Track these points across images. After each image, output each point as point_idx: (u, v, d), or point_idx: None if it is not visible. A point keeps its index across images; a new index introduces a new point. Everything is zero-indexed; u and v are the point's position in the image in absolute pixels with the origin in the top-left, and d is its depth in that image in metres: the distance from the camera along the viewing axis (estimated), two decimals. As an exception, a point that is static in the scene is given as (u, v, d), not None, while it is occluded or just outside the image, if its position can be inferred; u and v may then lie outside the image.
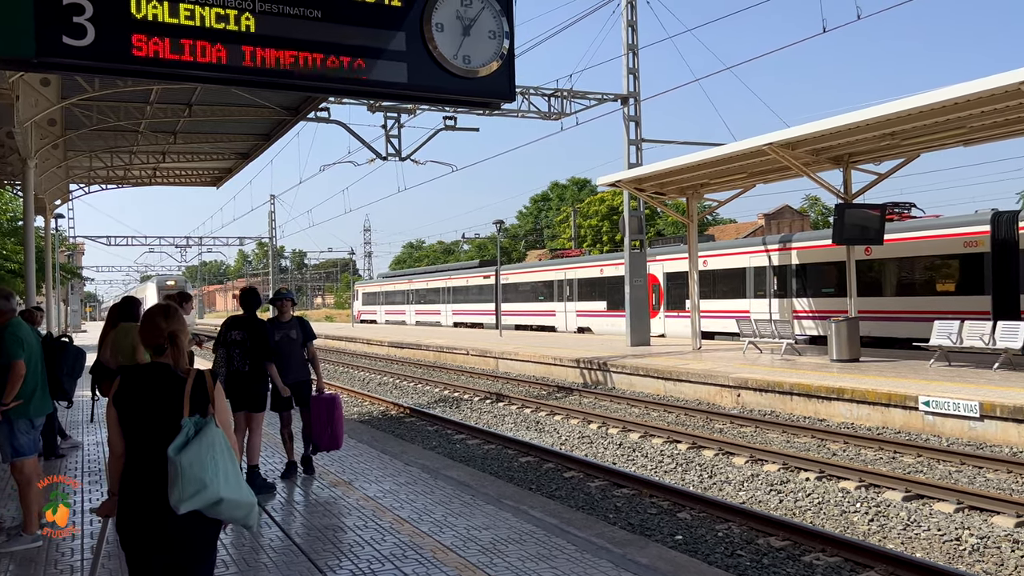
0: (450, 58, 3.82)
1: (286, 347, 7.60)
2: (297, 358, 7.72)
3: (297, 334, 7.71)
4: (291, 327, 7.72)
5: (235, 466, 3.07)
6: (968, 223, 19.03)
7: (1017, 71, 12.00)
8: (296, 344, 7.69)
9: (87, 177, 22.10)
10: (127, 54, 3.27)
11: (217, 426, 3.06)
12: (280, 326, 7.67)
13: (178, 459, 2.94)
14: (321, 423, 7.69)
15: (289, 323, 7.74)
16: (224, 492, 2.97)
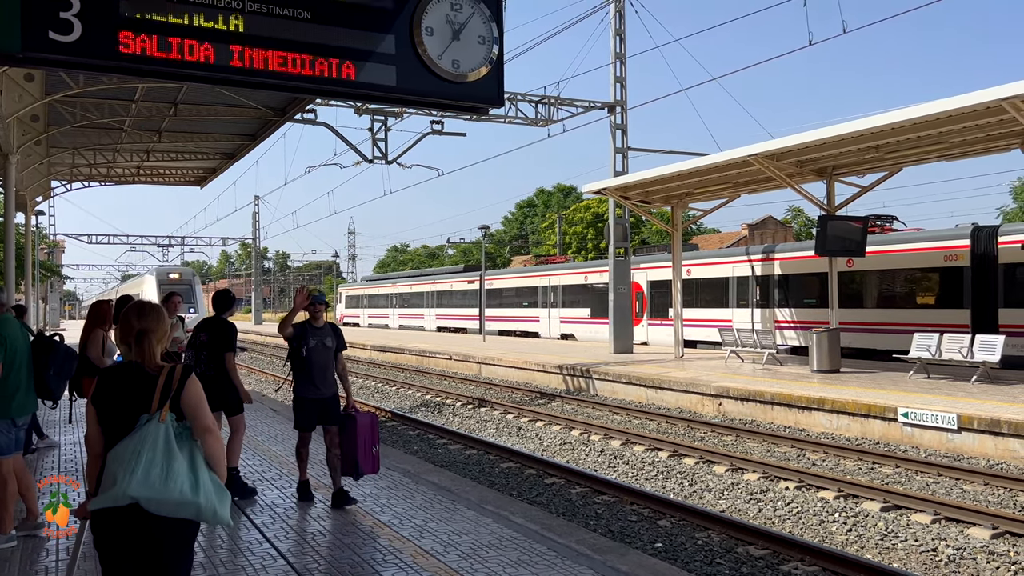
0: (439, 62, 3.83)
1: (320, 356, 6.75)
2: (331, 369, 6.87)
3: (332, 342, 6.82)
4: (325, 333, 6.83)
5: (170, 464, 2.95)
6: (948, 237, 19.24)
7: (998, 88, 12.16)
8: (330, 353, 6.82)
9: (69, 174, 21.89)
10: (114, 51, 3.25)
11: (162, 421, 2.99)
12: (314, 332, 6.80)
13: (108, 456, 2.95)
14: (366, 443, 6.75)
15: (323, 329, 6.85)
16: (135, 491, 2.87)
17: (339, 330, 7.01)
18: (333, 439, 6.77)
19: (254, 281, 69.16)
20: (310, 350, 6.68)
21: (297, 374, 6.75)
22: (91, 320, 7.39)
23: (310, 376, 6.71)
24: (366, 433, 6.72)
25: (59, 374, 5.86)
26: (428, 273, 52.39)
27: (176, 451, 2.99)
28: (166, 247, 61.69)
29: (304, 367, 6.70)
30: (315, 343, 6.72)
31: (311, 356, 6.69)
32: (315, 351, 6.71)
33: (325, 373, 6.77)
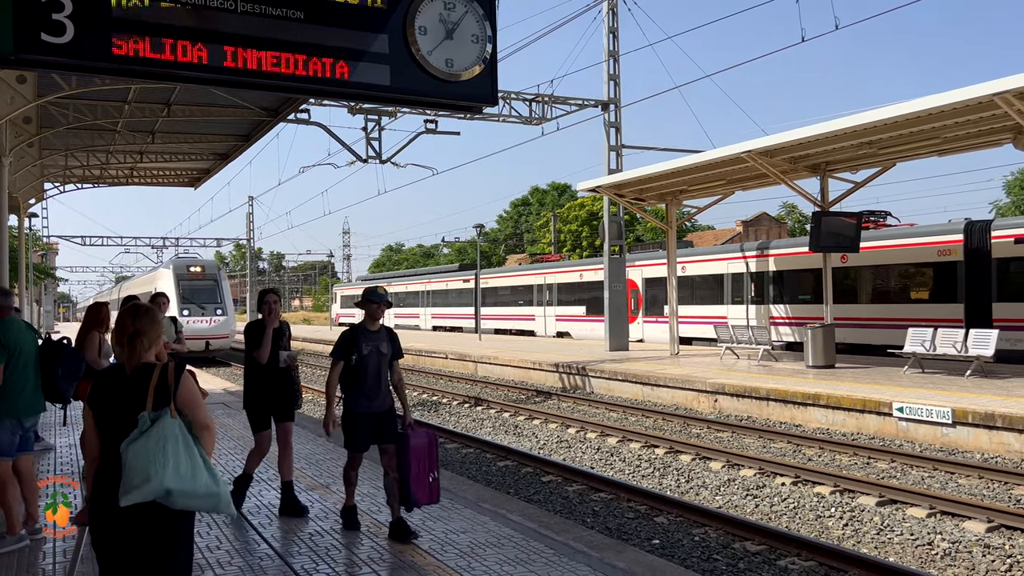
0: (433, 61, 3.83)
1: (374, 363, 5.86)
2: (386, 379, 5.99)
3: (387, 348, 5.95)
4: (380, 338, 5.94)
5: (192, 458, 3.06)
6: (942, 232, 19.31)
7: (990, 83, 12.20)
8: (385, 361, 5.93)
9: (62, 176, 21.82)
10: (106, 52, 3.25)
11: (174, 417, 3.07)
12: (368, 336, 5.91)
13: (124, 452, 3.01)
14: (422, 468, 5.79)
15: (378, 333, 5.95)
16: (171, 484, 2.97)
17: (395, 335, 6.12)
18: (390, 461, 5.82)
19: (249, 282, 69.00)
20: (363, 358, 5.81)
21: (347, 385, 5.88)
22: (88, 322, 7.37)
23: (362, 387, 5.83)
24: (422, 455, 5.76)
25: (67, 375, 5.85)
26: (423, 272, 52.37)
27: (193, 446, 3.10)
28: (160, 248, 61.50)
29: (356, 377, 5.82)
30: (369, 349, 5.84)
31: (364, 364, 5.81)
32: (369, 359, 5.83)
33: (379, 384, 5.91)
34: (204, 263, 32.42)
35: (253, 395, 6.52)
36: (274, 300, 6.47)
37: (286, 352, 6.57)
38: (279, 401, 6.55)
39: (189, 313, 28.57)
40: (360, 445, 5.91)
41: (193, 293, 29.81)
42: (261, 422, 6.55)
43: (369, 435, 5.88)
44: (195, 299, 29.68)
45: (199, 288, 30.09)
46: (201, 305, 29.64)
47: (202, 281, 30.51)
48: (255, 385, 6.51)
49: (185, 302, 29.13)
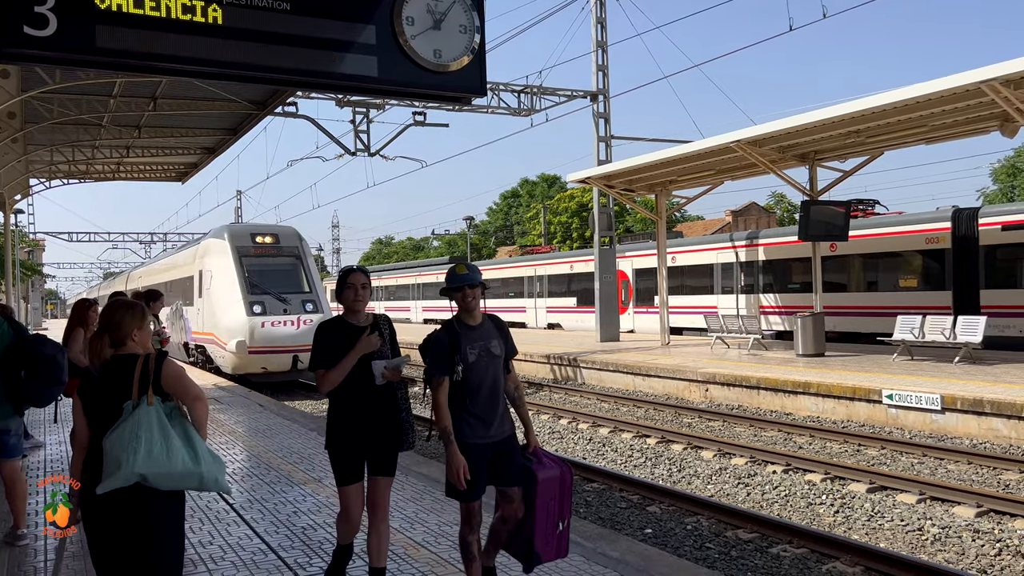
0: (421, 52, 3.81)
1: (486, 372, 4.19)
2: (502, 392, 4.31)
3: (499, 347, 4.29)
4: (488, 334, 4.28)
5: (168, 440, 3.15)
6: (930, 220, 19.40)
7: (978, 70, 12.24)
8: (499, 365, 4.27)
9: (48, 172, 21.63)
10: (91, 45, 3.21)
11: (151, 404, 3.18)
12: (470, 335, 4.21)
13: (104, 442, 3.15)
14: (550, 514, 4.24)
15: (483, 328, 4.28)
16: (143, 468, 3.08)
17: (503, 324, 4.47)
18: (515, 510, 4.25)
19: (238, 276, 68.37)
20: (469, 367, 4.14)
21: (451, 406, 4.15)
22: (73, 319, 7.32)
23: (472, 408, 4.14)
24: (551, 497, 4.22)
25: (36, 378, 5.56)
26: (414, 265, 52.26)
27: (170, 429, 3.19)
28: (148, 244, 61.18)
29: (462, 396, 4.13)
30: (476, 355, 4.16)
31: (473, 377, 4.14)
32: (478, 368, 4.16)
33: (495, 401, 4.22)
34: (278, 230, 20.49)
35: (338, 430, 4.28)
36: (362, 284, 4.29)
37: (386, 362, 4.27)
38: (378, 440, 4.27)
39: (262, 311, 18.18)
40: (476, 491, 4.13)
41: (265, 278, 18.96)
42: (348, 471, 4.28)
43: (485, 475, 4.18)
44: (270, 287, 18.76)
45: (274, 269, 19.40)
46: (281, 297, 18.55)
47: (277, 258, 19.68)
48: (341, 416, 4.28)
49: (254, 292, 18.51)
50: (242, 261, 19.17)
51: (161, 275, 27.26)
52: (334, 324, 4.34)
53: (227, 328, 18.55)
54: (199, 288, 20.90)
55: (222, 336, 18.81)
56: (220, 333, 18.97)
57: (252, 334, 18.00)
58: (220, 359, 19.37)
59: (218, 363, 19.70)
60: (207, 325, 20.14)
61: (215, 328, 19.38)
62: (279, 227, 21.30)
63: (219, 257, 19.64)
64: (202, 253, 21.16)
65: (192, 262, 22.16)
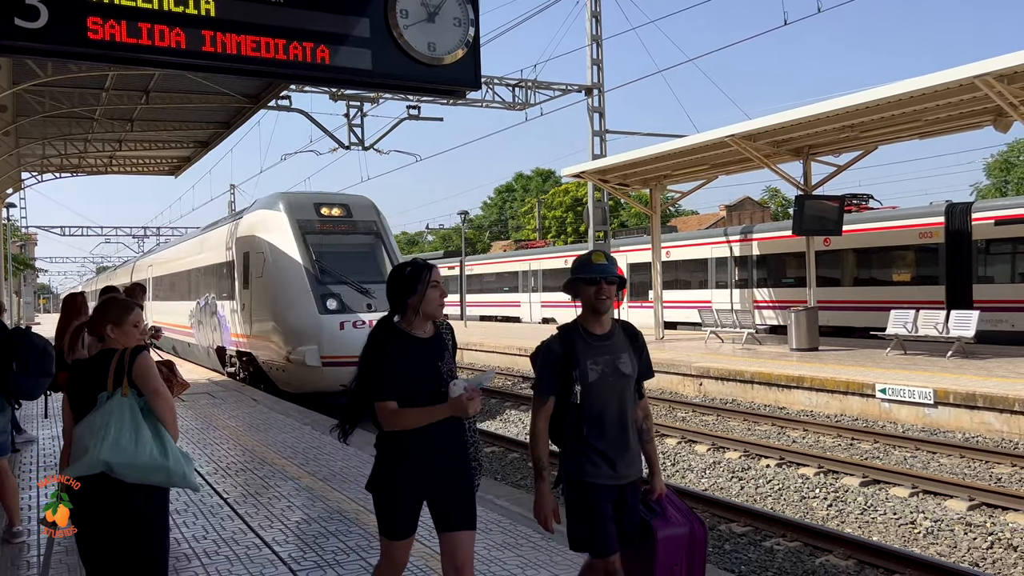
0: (415, 45, 3.79)
1: (611, 394, 3.29)
2: (631, 421, 3.37)
3: (630, 364, 3.37)
4: (616, 347, 3.36)
5: (138, 431, 3.18)
6: (923, 215, 19.46)
7: (971, 65, 12.27)
8: (630, 387, 3.38)
9: (40, 165, 21.52)
10: (82, 37, 3.19)
11: (125, 395, 3.23)
12: (592, 346, 3.31)
13: (74, 430, 3.23)
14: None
15: (611, 338, 3.37)
16: (108, 456, 3.10)
17: (641, 338, 3.51)
18: (644, 570, 3.34)
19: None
20: (590, 387, 3.24)
21: (565, 437, 3.31)
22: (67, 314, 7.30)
23: (592, 438, 3.24)
24: (676, 560, 3.33)
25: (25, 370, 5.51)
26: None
27: (142, 421, 3.22)
28: (141, 238, 60.96)
29: (581, 423, 3.23)
30: (599, 371, 3.26)
31: (592, 399, 3.24)
32: (600, 388, 3.25)
33: (622, 433, 3.30)
34: (349, 200, 15.66)
35: (396, 470, 3.25)
36: (436, 282, 3.28)
37: (467, 380, 3.21)
38: (452, 483, 3.28)
39: (338, 307, 13.55)
40: (608, 544, 3.22)
41: (338, 262, 14.34)
42: (405, 521, 3.27)
43: (612, 522, 3.25)
44: (344, 273, 14.12)
45: (349, 251, 14.81)
46: (362, 288, 13.88)
47: (351, 235, 15.07)
48: (400, 450, 3.23)
49: (326, 282, 13.91)
50: (306, 240, 14.16)
51: (181, 263, 22.27)
52: (389, 334, 3.23)
53: (290, 331, 13.58)
54: (242, 277, 15.65)
55: (282, 342, 13.79)
56: (279, 338, 13.90)
57: (328, 339, 13.02)
58: (278, 373, 14.49)
59: (273, 377, 14.88)
60: (256, 327, 14.85)
61: (270, 331, 14.25)
62: (350, 196, 15.99)
63: (274, 235, 14.55)
64: (246, 231, 15.83)
65: (229, 244, 16.90)
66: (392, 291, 3.30)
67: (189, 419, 10.75)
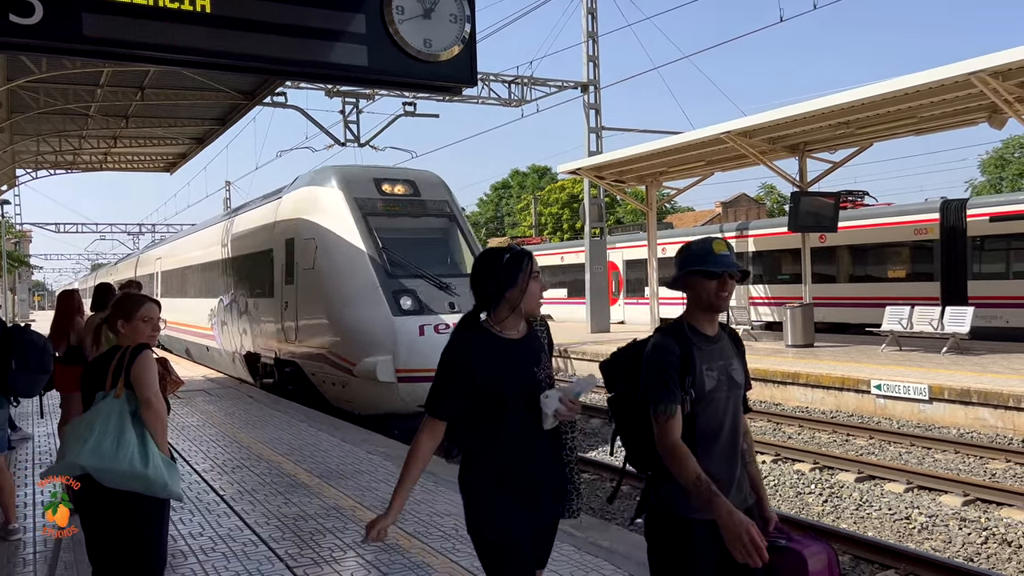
0: (411, 41, 3.78)
1: (722, 403, 2.78)
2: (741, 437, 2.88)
3: (741, 371, 2.91)
4: (729, 351, 2.89)
5: (122, 436, 3.11)
6: (918, 211, 19.50)
7: (966, 62, 12.29)
8: (740, 398, 2.90)
9: (34, 162, 21.46)
10: (78, 33, 3.18)
11: (118, 396, 3.16)
12: (708, 350, 2.79)
13: (65, 429, 3.23)
14: None
15: (720, 341, 2.87)
16: (85, 461, 3.04)
17: (741, 341, 3.03)
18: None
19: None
20: (705, 396, 2.71)
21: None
22: (65, 311, 7.31)
23: (702, 458, 2.65)
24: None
25: (24, 368, 5.52)
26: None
27: (128, 425, 3.14)
28: (136, 235, 60.84)
29: (689, 438, 2.67)
30: (714, 378, 2.76)
31: (707, 411, 2.72)
32: (715, 399, 2.75)
33: (733, 452, 2.80)
34: (414, 176, 12.98)
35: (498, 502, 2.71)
36: (536, 272, 2.81)
37: (562, 389, 2.77)
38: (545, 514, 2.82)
39: (415, 307, 10.89)
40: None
41: (409, 251, 11.71)
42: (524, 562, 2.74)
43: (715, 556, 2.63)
44: (419, 265, 11.47)
45: (420, 237, 12.22)
46: (442, 283, 11.24)
47: (421, 218, 12.40)
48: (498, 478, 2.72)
49: (395, 274, 11.21)
50: (368, 222, 11.43)
51: (198, 254, 19.56)
52: (480, 336, 2.70)
53: (353, 337, 10.83)
54: (284, 269, 12.82)
55: (342, 350, 11.00)
56: (338, 345, 11.12)
57: (405, 348, 10.31)
58: (335, 389, 11.56)
59: (328, 394, 11.89)
60: (305, 330, 12.00)
61: (325, 336, 11.47)
62: (414, 171, 13.41)
63: (327, 217, 11.83)
64: (289, 213, 13.08)
65: (268, 228, 13.90)
66: (483, 283, 2.76)
67: (185, 416, 10.74)
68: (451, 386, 2.68)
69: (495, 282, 2.74)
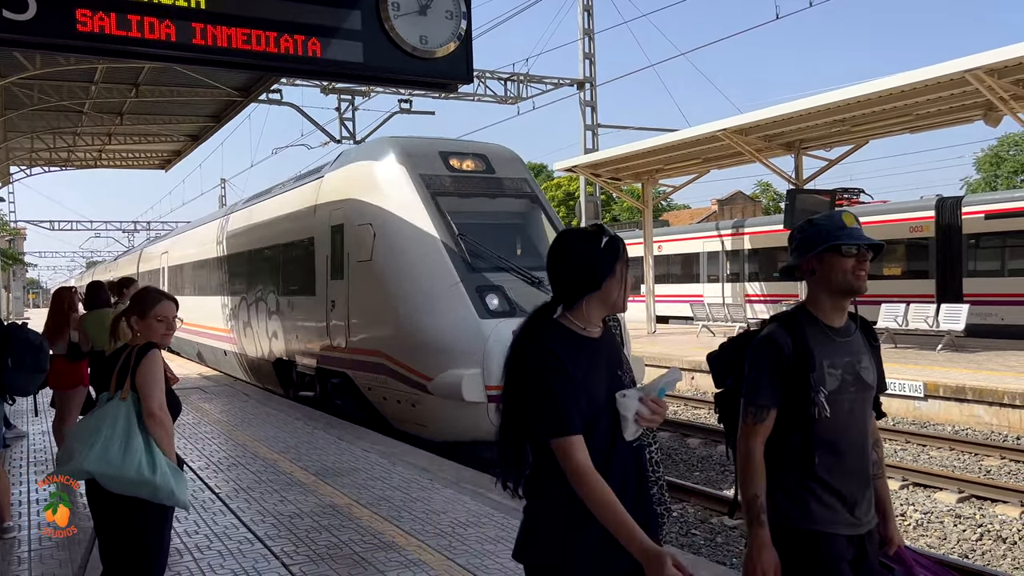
0: (407, 38, 3.78)
1: (848, 405, 2.44)
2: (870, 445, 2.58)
3: (871, 369, 2.56)
4: (859, 347, 2.55)
5: (129, 442, 3.02)
6: (914, 209, 19.54)
7: (962, 59, 12.31)
8: (869, 399, 2.60)
9: (29, 159, 21.38)
10: (71, 29, 3.17)
11: (124, 399, 3.08)
12: (830, 341, 2.47)
13: (70, 430, 3.15)
14: None
15: (851, 336, 2.54)
16: (92, 466, 2.97)
17: (876, 335, 2.73)
18: None
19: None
20: (830, 398, 2.41)
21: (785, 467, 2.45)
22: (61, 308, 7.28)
23: (823, 469, 2.41)
24: None
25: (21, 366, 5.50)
26: None
27: (136, 430, 3.06)
28: (131, 233, 60.69)
29: (807, 444, 2.41)
30: (838, 377, 2.45)
31: (832, 415, 2.41)
32: (841, 401, 2.44)
33: (862, 462, 2.51)
34: (484, 150, 10.86)
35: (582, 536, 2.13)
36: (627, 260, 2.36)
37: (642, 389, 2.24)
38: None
39: (503, 307, 8.85)
40: None
41: (488, 238, 9.72)
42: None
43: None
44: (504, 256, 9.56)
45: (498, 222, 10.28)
46: (532, 278, 9.15)
47: (497, 199, 10.41)
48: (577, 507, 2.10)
49: (477, 267, 9.23)
50: (438, 204, 9.55)
51: (213, 247, 17.50)
52: (563, 336, 2.20)
53: (428, 344, 8.90)
54: (330, 262, 10.82)
55: (417, 362, 9.01)
56: (410, 356, 9.10)
57: (498, 359, 7.18)
58: (401, 408, 9.54)
59: (392, 415, 9.86)
60: (359, 335, 10.02)
61: (388, 342, 9.44)
62: (483, 144, 11.40)
63: (387, 197, 9.86)
64: (336, 193, 10.99)
65: (306, 214, 11.90)
66: (572, 272, 2.23)
67: (181, 414, 10.70)
68: (563, 392, 2.09)
69: (589, 271, 2.22)
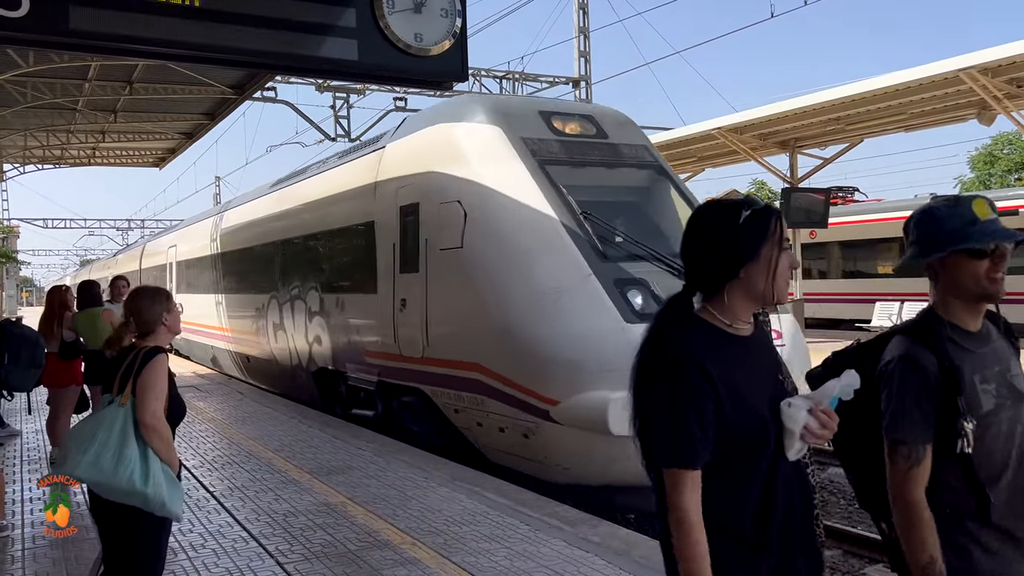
0: (401, 36, 3.77)
1: (1006, 427, 1.94)
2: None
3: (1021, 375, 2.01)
4: (1003, 351, 2.05)
5: (123, 450, 2.95)
6: (908, 207, 19.58)
7: (956, 59, 12.35)
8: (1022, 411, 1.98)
9: (22, 156, 21.32)
10: (65, 26, 3.15)
11: (123, 405, 3.02)
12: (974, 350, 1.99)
13: (68, 432, 3.20)
14: None
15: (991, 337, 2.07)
16: (83, 473, 2.93)
17: (1012, 331, 2.17)
18: None
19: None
20: (984, 420, 1.90)
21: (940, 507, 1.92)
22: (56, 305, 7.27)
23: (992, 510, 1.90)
24: None
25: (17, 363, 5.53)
26: None
27: (132, 437, 2.99)
28: (125, 231, 60.53)
29: (961, 479, 1.92)
30: (992, 392, 1.94)
31: (988, 441, 1.91)
32: (997, 424, 1.93)
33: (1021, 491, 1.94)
34: (593, 111, 8.88)
35: None
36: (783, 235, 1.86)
37: (812, 398, 1.81)
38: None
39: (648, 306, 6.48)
40: None
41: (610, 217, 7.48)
42: None
43: None
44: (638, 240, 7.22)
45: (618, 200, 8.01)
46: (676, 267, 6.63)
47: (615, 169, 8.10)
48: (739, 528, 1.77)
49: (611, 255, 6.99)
50: (549, 175, 7.56)
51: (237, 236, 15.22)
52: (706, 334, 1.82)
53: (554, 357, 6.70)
54: (399, 250, 8.78)
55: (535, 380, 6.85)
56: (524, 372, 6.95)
57: None
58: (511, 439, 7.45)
59: (492, 446, 7.79)
60: (445, 343, 7.94)
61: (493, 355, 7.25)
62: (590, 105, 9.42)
63: (480, 167, 7.82)
64: (406, 165, 8.91)
65: (363, 193, 9.78)
66: (707, 252, 1.85)
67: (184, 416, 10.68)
68: (697, 415, 1.69)
69: (727, 252, 1.81)
